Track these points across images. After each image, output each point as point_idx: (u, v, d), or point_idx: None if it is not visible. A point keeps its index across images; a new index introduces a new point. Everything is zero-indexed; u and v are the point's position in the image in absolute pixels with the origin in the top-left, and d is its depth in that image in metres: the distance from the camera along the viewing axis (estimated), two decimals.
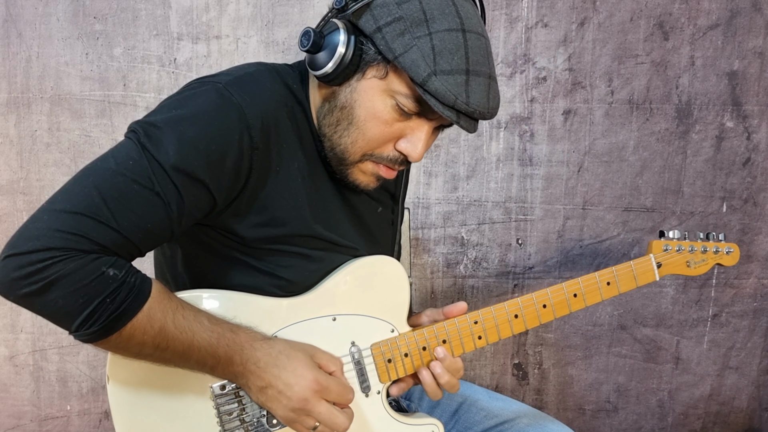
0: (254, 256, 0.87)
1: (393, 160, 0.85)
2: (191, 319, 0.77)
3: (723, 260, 1.09)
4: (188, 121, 0.76)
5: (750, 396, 1.81)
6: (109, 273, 0.70)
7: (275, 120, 0.82)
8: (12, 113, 1.65)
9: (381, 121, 0.81)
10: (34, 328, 1.72)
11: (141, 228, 0.73)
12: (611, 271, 1.01)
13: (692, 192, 1.70)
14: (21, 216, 1.69)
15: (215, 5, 1.62)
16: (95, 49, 1.63)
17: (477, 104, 0.78)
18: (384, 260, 0.95)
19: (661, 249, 1.05)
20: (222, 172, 0.77)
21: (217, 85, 0.79)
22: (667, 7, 1.63)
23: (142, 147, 0.74)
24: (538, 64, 1.65)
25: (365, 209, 0.98)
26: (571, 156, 1.69)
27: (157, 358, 0.77)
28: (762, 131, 1.68)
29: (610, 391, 1.80)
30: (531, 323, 0.98)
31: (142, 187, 0.72)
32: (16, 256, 0.67)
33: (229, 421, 0.86)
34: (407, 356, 0.94)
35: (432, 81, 0.76)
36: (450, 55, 0.76)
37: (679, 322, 1.76)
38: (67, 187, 0.72)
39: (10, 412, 1.77)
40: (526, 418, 1.02)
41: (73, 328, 0.71)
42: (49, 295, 0.68)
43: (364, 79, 0.81)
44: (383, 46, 0.77)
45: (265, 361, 0.80)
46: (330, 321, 0.91)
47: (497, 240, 1.73)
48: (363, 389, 0.92)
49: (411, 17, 0.76)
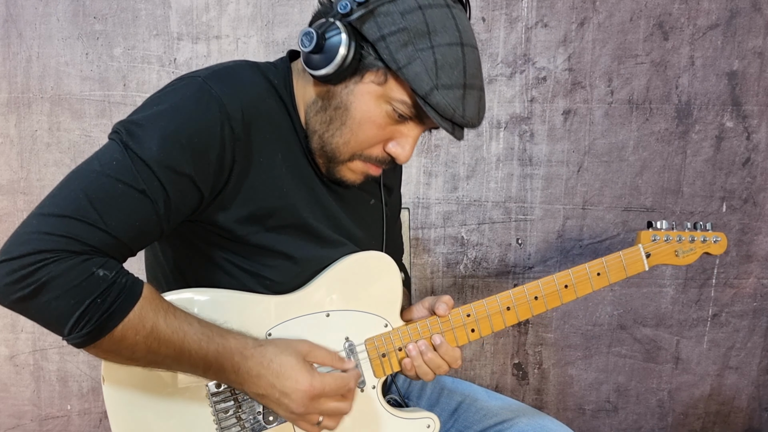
0: (241, 255, 0.87)
1: (381, 161, 0.88)
2: (182, 320, 0.77)
3: (711, 249, 1.10)
4: (169, 115, 0.77)
5: (750, 396, 1.81)
6: (99, 273, 0.71)
7: (256, 111, 0.83)
8: (12, 113, 1.65)
9: (375, 125, 0.84)
10: (35, 327, 1.72)
11: (129, 227, 0.74)
12: (601, 262, 1.03)
13: (692, 192, 1.70)
14: (21, 216, 1.69)
15: (215, 5, 1.62)
16: (95, 49, 1.63)
17: (470, 116, 0.83)
18: (375, 255, 0.95)
19: (650, 239, 1.07)
20: (206, 165, 0.78)
21: (197, 78, 0.80)
22: (667, 7, 1.63)
23: (125, 146, 0.74)
24: (538, 64, 1.65)
25: (355, 202, 0.99)
26: (570, 156, 1.69)
27: (150, 362, 0.77)
28: (762, 131, 1.68)
29: (610, 391, 1.80)
30: (523, 315, 0.99)
31: (127, 186, 0.73)
32: (7, 262, 0.68)
33: (225, 419, 0.86)
34: (401, 350, 0.94)
35: (434, 95, 0.79)
36: (450, 69, 0.79)
37: (679, 321, 1.76)
38: (55, 192, 0.73)
39: (11, 411, 1.77)
40: (525, 417, 1.02)
41: (66, 331, 0.71)
42: (42, 297, 0.69)
43: (362, 82, 0.82)
44: (386, 55, 0.79)
45: (257, 370, 0.80)
46: (324, 317, 0.91)
47: (497, 240, 1.73)
48: (358, 384, 0.92)
49: (414, 29, 0.78)
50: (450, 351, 0.94)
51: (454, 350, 0.95)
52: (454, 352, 0.95)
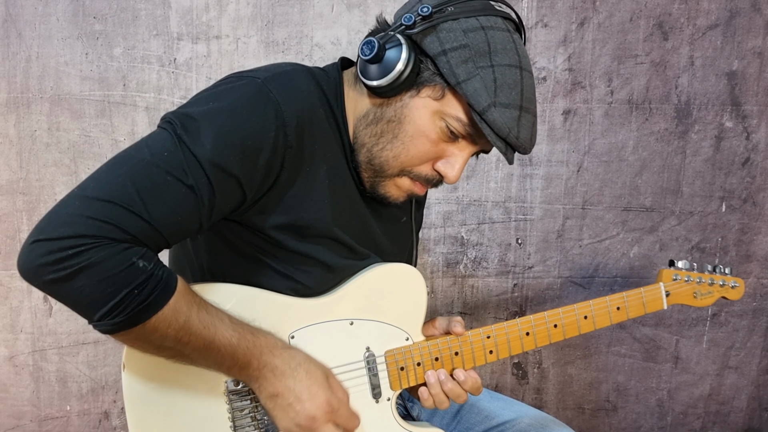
0: (275, 258, 0.87)
1: (428, 180, 0.87)
2: (214, 316, 0.77)
3: (728, 294, 1.12)
4: (226, 114, 0.75)
5: (749, 396, 1.82)
6: (139, 264, 0.69)
7: (309, 121, 0.82)
8: (12, 113, 1.65)
9: (428, 140, 0.83)
10: (34, 328, 1.72)
11: (172, 220, 0.73)
12: (622, 297, 1.04)
13: (691, 192, 1.70)
14: (21, 216, 1.69)
15: (215, 5, 1.62)
16: (95, 49, 1.63)
17: (524, 139, 0.83)
18: (404, 269, 0.95)
19: (671, 278, 1.08)
20: (255, 169, 0.77)
21: (256, 80, 0.79)
22: (667, 8, 1.63)
23: (179, 138, 0.73)
24: (538, 64, 1.65)
25: (390, 219, 0.98)
26: (570, 156, 1.69)
27: (176, 353, 0.77)
28: (761, 131, 1.68)
29: (610, 391, 1.81)
30: (541, 342, 1.00)
31: (175, 180, 0.72)
32: (45, 242, 0.66)
33: (240, 417, 0.86)
34: (420, 365, 0.94)
35: (491, 111, 0.79)
36: (509, 89, 0.79)
37: (679, 321, 1.77)
38: (100, 175, 0.72)
39: (10, 412, 1.77)
40: (527, 418, 1.03)
41: (96, 317, 0.69)
42: (76, 282, 0.67)
43: (418, 97, 0.82)
44: (446, 69, 0.79)
45: (282, 370, 0.80)
46: (347, 325, 0.91)
47: (497, 240, 1.73)
48: (374, 395, 0.93)
49: (476, 47, 0.78)
50: (474, 382, 0.93)
51: (477, 379, 0.94)
52: (476, 382, 0.94)
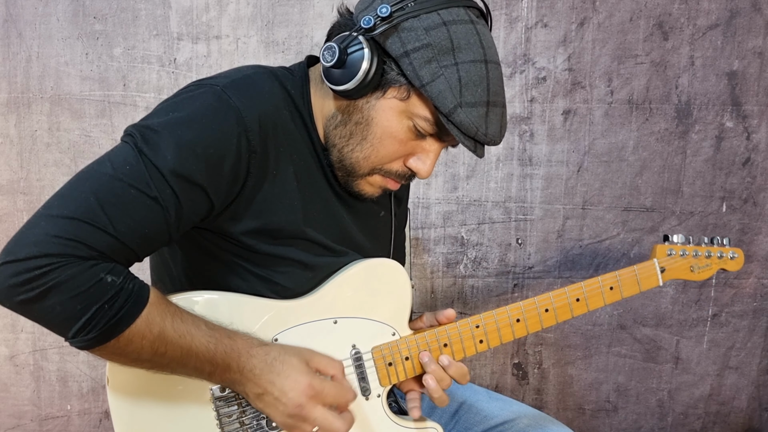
0: (251, 261, 0.87)
1: (401, 175, 0.88)
2: (190, 324, 0.76)
3: (727, 265, 1.06)
4: (186, 124, 0.75)
5: (750, 396, 1.81)
6: (107, 279, 0.69)
7: (273, 124, 0.82)
8: (12, 113, 1.65)
9: (396, 140, 0.83)
10: (35, 327, 1.72)
11: (138, 233, 0.73)
12: (614, 276, 1.00)
13: (692, 192, 1.70)
14: (21, 216, 1.69)
15: (215, 5, 1.62)
16: (95, 49, 1.63)
17: (492, 134, 0.83)
18: (385, 263, 0.95)
19: (665, 253, 1.03)
20: (220, 176, 0.77)
21: (215, 87, 0.79)
22: (667, 7, 1.63)
23: (139, 151, 0.73)
24: (538, 64, 1.65)
25: (367, 215, 0.98)
26: (570, 156, 1.69)
27: (155, 364, 0.77)
28: (762, 131, 1.68)
29: (610, 391, 1.81)
30: (533, 327, 0.97)
31: (139, 192, 0.72)
32: (13, 263, 0.67)
33: (228, 423, 0.86)
34: (408, 360, 0.94)
35: (457, 113, 0.78)
36: (474, 87, 0.79)
37: (679, 321, 1.76)
38: (64, 192, 0.71)
39: (11, 411, 1.77)
40: (526, 418, 1.02)
41: (71, 335, 0.70)
42: (47, 301, 0.68)
43: (384, 98, 0.82)
44: (410, 71, 0.79)
45: (260, 368, 0.79)
46: (331, 324, 0.91)
47: (497, 240, 1.73)
48: (363, 392, 0.92)
49: (439, 45, 0.78)
50: (458, 369, 0.93)
51: (461, 366, 0.93)
52: (462, 369, 0.93)
